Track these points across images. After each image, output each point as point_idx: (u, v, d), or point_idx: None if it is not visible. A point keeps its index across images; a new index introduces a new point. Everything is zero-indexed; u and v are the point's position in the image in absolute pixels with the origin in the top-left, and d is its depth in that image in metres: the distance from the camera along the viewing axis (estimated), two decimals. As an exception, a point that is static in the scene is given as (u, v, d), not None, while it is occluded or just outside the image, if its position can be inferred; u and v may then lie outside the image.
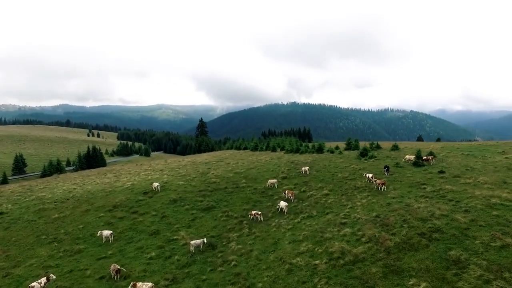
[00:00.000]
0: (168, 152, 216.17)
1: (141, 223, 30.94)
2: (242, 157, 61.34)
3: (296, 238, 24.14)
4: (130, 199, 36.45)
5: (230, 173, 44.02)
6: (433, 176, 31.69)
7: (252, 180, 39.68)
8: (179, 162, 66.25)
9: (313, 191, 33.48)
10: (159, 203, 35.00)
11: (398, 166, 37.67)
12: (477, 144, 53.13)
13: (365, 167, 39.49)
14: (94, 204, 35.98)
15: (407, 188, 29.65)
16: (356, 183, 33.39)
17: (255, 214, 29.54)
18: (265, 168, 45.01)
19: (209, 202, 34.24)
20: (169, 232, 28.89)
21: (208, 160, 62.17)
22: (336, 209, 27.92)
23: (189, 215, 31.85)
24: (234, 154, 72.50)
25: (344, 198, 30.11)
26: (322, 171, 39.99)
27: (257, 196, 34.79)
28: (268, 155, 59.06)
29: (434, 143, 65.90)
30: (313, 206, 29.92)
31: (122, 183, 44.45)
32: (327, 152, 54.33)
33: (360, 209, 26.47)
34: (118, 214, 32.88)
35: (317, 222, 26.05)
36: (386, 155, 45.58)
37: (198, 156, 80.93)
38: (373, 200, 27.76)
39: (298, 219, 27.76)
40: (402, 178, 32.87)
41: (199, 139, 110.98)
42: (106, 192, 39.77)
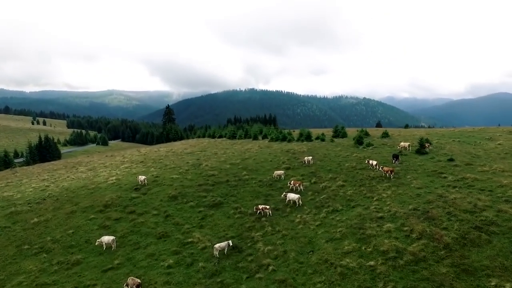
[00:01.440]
0: (127, 141, 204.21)
1: (143, 224, 27.31)
2: (226, 146, 58.27)
3: (333, 235, 22.40)
4: (122, 196, 32.27)
5: (225, 164, 41.06)
6: (445, 165, 31.61)
7: (253, 172, 37.18)
8: (156, 152, 61.46)
9: (326, 182, 31.92)
10: (157, 201, 31.35)
11: (401, 154, 37.39)
12: (457, 130, 55.15)
13: (368, 155, 38.73)
14: (80, 204, 31.32)
15: (426, 177, 29.16)
16: (369, 173, 32.37)
17: (263, 209, 27.33)
18: (261, 158, 42.64)
19: (214, 197, 31.29)
20: (180, 234, 25.72)
21: (190, 150, 58.23)
22: (362, 202, 26.61)
23: (197, 213, 28.76)
24: (212, 143, 69.00)
25: (364, 189, 28.88)
26: (325, 161, 38.60)
27: (266, 189, 32.49)
28: (254, 144, 56.60)
29: (417, 130, 67.65)
30: (333, 198, 28.34)
31: (104, 178, 39.58)
32: (317, 140, 53.24)
33: (390, 201, 25.37)
34: (112, 215, 28.81)
35: (348, 216, 24.50)
36: (381, 142, 45.43)
37: (171, 145, 76.06)
38: (399, 191, 26.82)
39: (323, 213, 26.05)
40: (414, 166, 32.46)
41: (167, 127, 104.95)
42: (89, 190, 34.96)
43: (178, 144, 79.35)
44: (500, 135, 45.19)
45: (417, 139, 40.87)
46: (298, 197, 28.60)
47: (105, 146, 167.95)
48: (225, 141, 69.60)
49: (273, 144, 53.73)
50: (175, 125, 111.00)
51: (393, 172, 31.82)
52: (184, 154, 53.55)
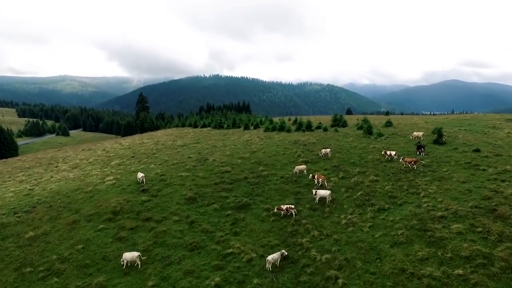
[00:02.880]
0: (89, 130, 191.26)
1: (167, 233, 23.66)
2: (220, 137, 54.62)
3: (396, 239, 20.44)
4: (130, 200, 28.08)
5: (234, 158, 37.74)
6: (475, 156, 30.87)
7: (270, 167, 34.33)
8: (142, 144, 56.30)
9: (356, 177, 29.96)
10: (174, 204, 27.62)
11: (418, 144, 36.37)
12: (452, 118, 55.79)
13: (383, 146, 37.35)
14: (81, 212, 26.74)
15: (463, 170, 28.14)
16: (400, 166, 30.85)
17: (288, 209, 24.83)
18: (271, 151, 39.79)
19: (237, 197, 28.16)
20: (214, 243, 22.49)
21: (181, 142, 53.87)
22: (407, 199, 24.92)
23: (225, 218, 25.55)
24: (199, 133, 64.91)
25: (403, 184, 27.24)
26: (343, 153, 36.66)
27: (291, 186, 29.88)
28: (251, 135, 53.53)
29: (416, 117, 67.55)
30: (372, 195, 26.43)
31: (98, 178, 34.66)
32: (319, 130, 51.36)
33: (440, 197, 23.88)
34: (126, 224, 24.75)
35: (401, 216, 22.67)
36: (390, 132, 44.39)
37: (152, 136, 70.46)
38: (445, 186, 25.44)
39: (369, 213, 24.04)
40: (442, 158, 31.45)
41: (142, 116, 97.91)
42: (86, 193, 30.18)
43: (159, 134, 73.89)
44: (499, 123, 45.97)
45: (422, 128, 40.36)
46: (329, 194, 26.42)
47: (66, 136, 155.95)
48: (213, 131, 65.79)
49: (273, 135, 50.99)
50: (149, 114, 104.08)
51: (416, 163, 30.65)
52: (178, 147, 49.27)
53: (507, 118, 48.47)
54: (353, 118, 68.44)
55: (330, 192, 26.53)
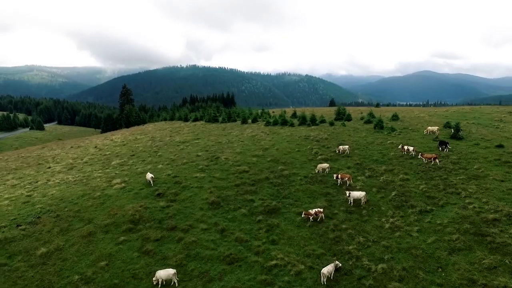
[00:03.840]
0: (65, 124, 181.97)
1: (198, 244, 21.54)
2: (220, 132, 52.28)
3: (452, 245, 19.36)
4: (148, 207, 25.60)
5: (247, 156, 35.71)
6: (501, 152, 30.50)
7: (290, 166, 32.63)
8: (137, 140, 53.06)
9: (385, 176, 28.81)
10: (197, 209, 25.43)
11: (436, 140, 35.80)
12: (452, 111, 56.01)
13: (402, 141, 36.45)
14: (94, 222, 24.04)
15: (495, 167, 27.57)
16: (427, 164, 29.94)
17: (317, 213, 23.34)
18: (285, 147, 38.02)
19: (264, 200, 26.33)
20: (253, 254, 20.63)
21: (180, 138, 51.09)
22: (448, 199, 23.97)
23: (256, 224, 23.68)
24: (194, 127, 62.20)
25: (438, 183, 26.30)
26: (362, 149, 35.47)
27: (319, 187, 28.34)
28: (254, 130, 51.52)
29: (415, 109, 66.92)
30: (408, 196, 25.32)
31: (104, 181, 31.68)
32: (323, 124, 50.08)
33: (485, 198, 23.08)
34: (150, 234, 22.38)
35: (449, 219, 21.65)
36: (401, 126, 43.63)
37: (143, 131, 66.90)
38: (485, 185, 24.69)
39: (412, 215, 22.89)
40: (468, 154, 30.83)
41: (127, 109, 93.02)
42: (95, 199, 27.34)
43: (150, 129, 70.35)
44: (504, 116, 46.36)
45: (429, 122, 39.85)
46: (364, 195, 25.10)
47: (41, 131, 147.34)
48: (208, 126, 63.23)
49: (277, 130, 49.22)
50: (134, 107, 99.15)
51: (436, 159, 29.97)
52: (179, 143, 46.58)
53: (508, 111, 48.97)
54: (351, 110, 67.66)
55: (365, 193, 25.21)
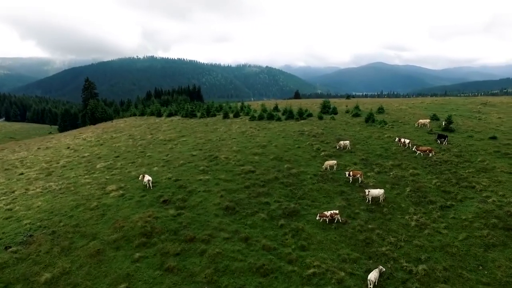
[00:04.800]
0: (14, 120, 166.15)
1: (224, 256, 19.88)
2: (207, 129, 50.01)
3: (485, 241, 19.68)
4: (158, 216, 23.30)
5: (247, 155, 34.15)
6: (497, 144, 31.88)
7: (295, 163, 31.64)
8: (114, 140, 49.11)
9: (394, 171, 28.85)
10: (211, 216, 23.62)
11: (431, 133, 36.75)
12: (427, 102, 58.29)
13: (397, 135, 36.94)
14: (100, 237, 21.38)
15: (499, 159, 28.67)
16: (431, 158, 30.44)
17: (333, 215, 22.64)
18: (284, 144, 36.90)
19: (280, 203, 25.14)
20: (286, 263, 19.44)
21: (163, 136, 48.06)
22: (465, 193, 24.45)
23: (279, 229, 22.45)
24: (171, 123, 59.18)
25: (450, 177, 26.76)
26: (362, 144, 35.42)
27: (332, 185, 27.67)
28: (240, 125, 49.88)
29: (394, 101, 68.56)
30: (424, 191, 25.47)
31: (95, 187, 28.49)
32: (310, 118, 49.69)
33: (500, 191, 24.02)
34: (168, 248, 20.29)
35: (473, 214, 21.99)
36: (391, 119, 44.35)
37: (117, 128, 62.29)
38: (495, 178, 25.52)
39: (434, 212, 23.04)
40: (466, 147, 31.82)
41: (91, 104, 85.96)
42: (92, 210, 24.40)
43: (122, 126, 65.70)
44: (480, 107, 48.98)
45: (412, 114, 40.89)
46: (382, 193, 24.89)
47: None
48: (187, 121, 60.49)
49: (265, 125, 48.02)
50: (100, 102, 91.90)
51: (431, 152, 30.75)
52: (165, 142, 43.76)
53: (482, 103, 51.84)
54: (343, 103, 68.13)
55: (383, 190, 24.94)
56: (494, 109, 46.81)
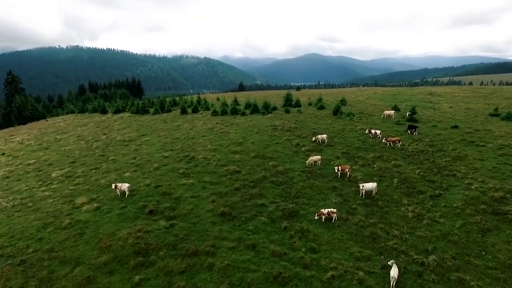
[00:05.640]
0: None
1: (234, 268, 18.30)
2: (170, 127, 46.73)
3: (480, 227, 20.87)
4: (149, 230, 20.69)
5: (226, 154, 32.38)
6: (461, 132, 34.52)
7: (278, 160, 30.77)
8: (59, 142, 43.37)
9: (378, 164, 29.53)
10: (208, 225, 21.73)
11: (399, 124, 38.57)
12: (381, 93, 61.58)
13: (367, 126, 38.13)
14: (84, 261, 18.23)
15: (467, 147, 30.89)
16: (407, 149, 31.84)
17: (330, 213, 22.39)
18: (260, 140, 35.72)
19: (276, 203, 24.14)
20: (302, 268, 18.54)
21: (121, 136, 43.74)
22: (449, 182, 25.87)
23: (285, 232, 21.42)
24: (122, 120, 54.59)
25: (430, 166, 28.12)
26: (339, 137, 35.76)
27: (322, 181, 27.39)
28: (206, 121, 47.55)
29: (347, 91, 70.80)
30: (411, 182, 26.41)
31: (60, 201, 24.43)
32: (277, 111, 49.22)
33: (479, 177, 25.52)
34: (170, 266, 18.06)
35: (461, 201, 23.27)
36: (356, 111, 45.65)
37: (57, 129, 55.12)
38: (472, 165, 27.42)
39: (426, 202, 23.94)
40: (434, 136, 33.86)
41: (18, 101, 74.65)
42: (67, 229, 20.80)
43: (63, 125, 58.43)
44: (429, 97, 52.92)
45: (373, 105, 42.90)
46: (375, 186, 25.33)
47: None
48: (140, 118, 56.38)
49: (232, 120, 46.39)
50: (28, 98, 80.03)
51: (400, 142, 32.48)
52: (126, 142, 39.84)
53: (429, 93, 56.16)
54: (260, 95, 68.43)
55: (376, 184, 25.32)
56: (442, 99, 51.08)
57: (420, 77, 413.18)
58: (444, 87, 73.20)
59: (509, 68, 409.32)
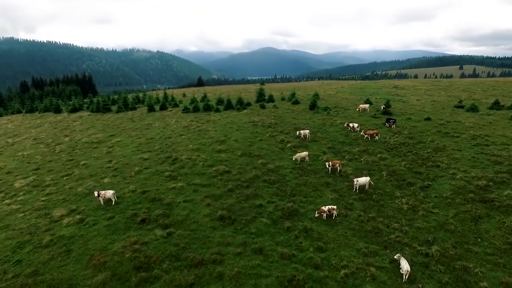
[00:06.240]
0: None
1: (246, 275, 17.36)
2: (140, 126, 43.99)
3: (471, 215, 21.89)
4: (146, 241, 19.00)
5: (210, 153, 30.99)
6: (435, 124, 36.08)
7: (267, 158, 30.05)
8: (11, 146, 38.93)
9: (365, 157, 30.01)
10: (209, 230, 20.50)
11: (375, 117, 39.66)
12: (348, 87, 63.15)
13: (346, 120, 38.75)
14: (78, 282, 16.07)
15: (444, 138, 32.51)
16: (389, 141, 32.73)
17: (330, 210, 22.23)
18: (243, 137, 34.67)
19: (278, 204, 23.42)
20: (313, 269, 18.08)
21: (89, 137, 40.32)
22: (435, 173, 26.94)
23: (288, 232, 20.84)
24: (82, 119, 50.69)
25: (414, 158, 29.12)
26: (322, 132, 35.87)
27: (315, 178, 27.17)
28: (178, 119, 45.45)
29: (314, 84, 71.27)
30: (399, 174, 27.16)
31: (33, 215, 21.56)
32: (251, 106, 48.45)
33: (462, 167, 26.87)
34: (177, 280, 16.62)
35: (450, 191, 24.33)
36: (330, 105, 46.18)
37: (6, 130, 49.64)
38: (452, 156, 28.84)
39: (417, 193, 24.71)
40: (411, 129, 35.21)
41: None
42: (50, 247, 18.38)
43: (12, 127, 52.59)
44: (395, 90, 55.21)
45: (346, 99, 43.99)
46: (369, 180, 25.69)
47: None
48: (103, 117, 52.81)
49: (207, 117, 44.85)
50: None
51: (378, 135, 33.61)
52: (94, 144, 36.80)
53: (394, 86, 58.66)
54: (275, 88, 67.84)
55: (369, 178, 25.63)
56: (407, 92, 53.62)
57: (370, 71, 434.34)
58: (405, 80, 77.10)
59: (447, 62, 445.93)
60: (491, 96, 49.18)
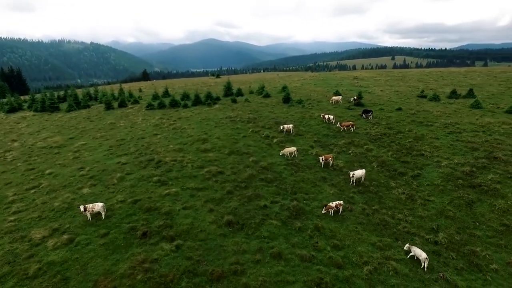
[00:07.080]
0: None
1: (272, 283, 16.36)
2: (102, 126, 39.89)
3: (464, 200, 23.16)
4: (156, 258, 16.98)
5: (195, 153, 28.99)
6: (408, 114, 37.70)
7: (257, 155, 28.91)
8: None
9: (352, 150, 30.36)
10: (220, 239, 19.04)
11: (350, 108, 40.49)
12: (310, 79, 63.99)
13: (321, 113, 39.01)
14: (89, 317, 13.92)
15: (420, 127, 33.99)
16: (370, 132, 33.51)
17: (337, 206, 22.07)
18: (225, 134, 33.02)
19: (283, 204, 22.62)
20: (336, 268, 17.74)
21: (45, 141, 35.50)
22: (421, 161, 28.03)
23: (301, 232, 20.20)
24: (32, 120, 44.98)
25: (399, 148, 30.11)
26: (303, 126, 35.58)
27: (310, 173, 26.79)
28: (146, 116, 42.12)
29: (269, 75, 70.36)
30: (389, 165, 27.92)
31: (9, 238, 18.16)
32: (222, 101, 46.69)
33: (444, 155, 28.32)
34: None
35: (439, 178, 25.54)
36: (304, 98, 46.15)
37: None
38: (433, 144, 30.17)
39: (410, 182, 25.58)
40: (387, 119, 36.49)
41: None
42: (37, 279, 15.52)
43: None
44: (357, 82, 57.07)
45: (314, 91, 44.73)
46: (364, 173, 26.01)
47: None
48: (53, 117, 47.68)
49: (176, 113, 42.27)
50: None
51: (353, 126, 34.67)
52: (55, 149, 32.48)
53: (354, 76, 60.69)
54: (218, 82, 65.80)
55: (364, 170, 25.93)
56: (369, 83, 55.78)
57: (312, 62, 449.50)
58: (361, 72, 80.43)
59: (381, 53, 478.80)
60: (444, 85, 53.26)
